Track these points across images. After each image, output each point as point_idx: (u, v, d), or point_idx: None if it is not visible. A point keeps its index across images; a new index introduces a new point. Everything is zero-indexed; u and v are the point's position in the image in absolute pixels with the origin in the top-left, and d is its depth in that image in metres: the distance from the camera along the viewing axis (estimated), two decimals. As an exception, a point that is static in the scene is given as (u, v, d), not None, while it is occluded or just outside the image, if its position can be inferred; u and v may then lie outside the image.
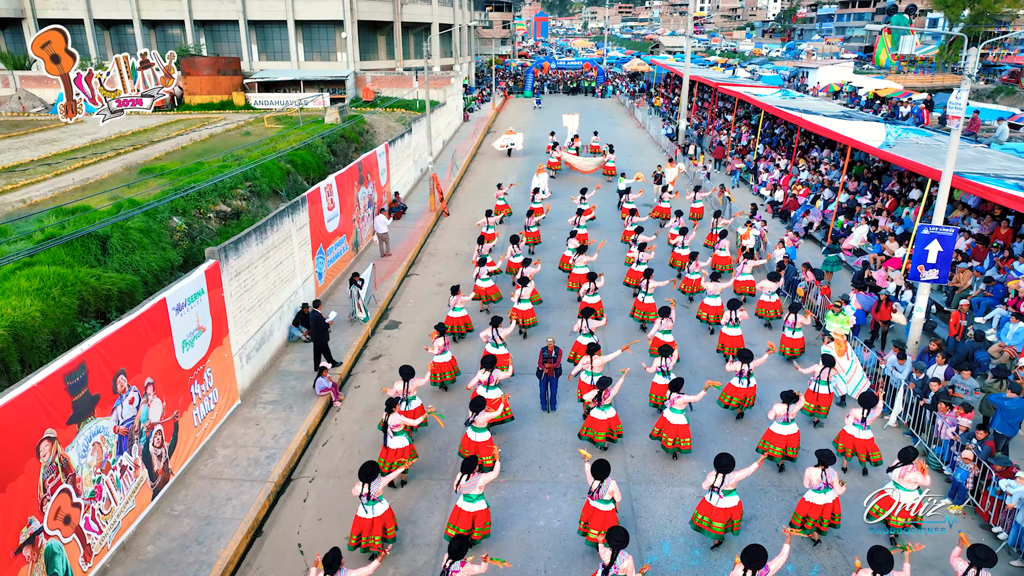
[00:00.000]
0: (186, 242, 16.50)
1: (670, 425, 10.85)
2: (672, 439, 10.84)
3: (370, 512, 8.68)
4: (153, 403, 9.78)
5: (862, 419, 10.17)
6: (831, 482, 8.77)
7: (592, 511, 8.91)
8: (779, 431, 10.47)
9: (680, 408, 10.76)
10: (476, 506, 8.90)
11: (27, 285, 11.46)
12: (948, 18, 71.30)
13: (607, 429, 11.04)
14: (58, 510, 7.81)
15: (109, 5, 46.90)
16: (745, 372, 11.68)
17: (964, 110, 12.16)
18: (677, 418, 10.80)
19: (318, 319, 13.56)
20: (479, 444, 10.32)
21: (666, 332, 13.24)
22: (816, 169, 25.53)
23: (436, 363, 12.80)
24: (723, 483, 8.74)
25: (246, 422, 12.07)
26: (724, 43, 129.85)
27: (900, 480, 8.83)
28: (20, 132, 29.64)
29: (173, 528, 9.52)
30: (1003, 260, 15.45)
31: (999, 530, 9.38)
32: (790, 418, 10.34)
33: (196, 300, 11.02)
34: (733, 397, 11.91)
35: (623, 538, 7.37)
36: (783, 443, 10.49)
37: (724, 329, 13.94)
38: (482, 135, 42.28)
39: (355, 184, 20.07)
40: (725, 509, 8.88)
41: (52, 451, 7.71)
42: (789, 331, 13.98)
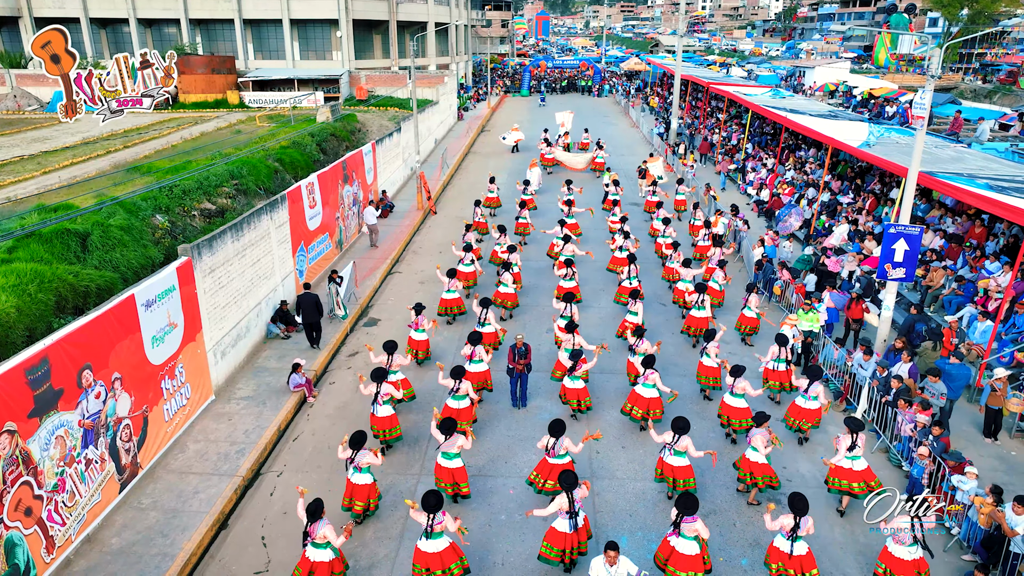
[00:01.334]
0: (168, 240, 16.64)
1: (642, 399, 11.58)
2: (643, 411, 11.57)
3: (356, 480, 9.45)
4: (121, 398, 9.94)
5: (805, 389, 11.21)
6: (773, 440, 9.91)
7: (549, 467, 9.66)
8: (731, 403, 11.41)
9: (651, 383, 11.51)
10: (454, 463, 9.73)
11: (3, 282, 11.61)
12: (946, 18, 71.19)
13: (576, 399, 11.96)
14: (19, 502, 7.97)
15: (105, 4, 47.11)
16: (704, 349, 12.67)
17: (928, 111, 12.28)
18: (650, 392, 11.57)
19: (313, 300, 14.48)
20: (460, 411, 11.12)
21: (634, 314, 14.35)
22: (802, 168, 25.63)
23: (413, 339, 13.81)
24: (675, 441, 9.69)
25: (219, 417, 12.24)
26: (724, 42, 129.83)
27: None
28: (14, 130, 29.85)
29: (139, 521, 9.69)
30: (975, 259, 15.56)
31: (952, 524, 9.51)
32: (735, 391, 11.27)
33: (167, 296, 11.18)
34: (708, 377, 12.76)
35: (573, 480, 8.10)
36: (739, 415, 11.35)
37: (692, 312, 14.79)
38: (475, 134, 42.42)
39: (339, 182, 20.23)
40: (676, 467, 9.85)
41: (12, 444, 7.87)
42: (748, 311, 14.93)
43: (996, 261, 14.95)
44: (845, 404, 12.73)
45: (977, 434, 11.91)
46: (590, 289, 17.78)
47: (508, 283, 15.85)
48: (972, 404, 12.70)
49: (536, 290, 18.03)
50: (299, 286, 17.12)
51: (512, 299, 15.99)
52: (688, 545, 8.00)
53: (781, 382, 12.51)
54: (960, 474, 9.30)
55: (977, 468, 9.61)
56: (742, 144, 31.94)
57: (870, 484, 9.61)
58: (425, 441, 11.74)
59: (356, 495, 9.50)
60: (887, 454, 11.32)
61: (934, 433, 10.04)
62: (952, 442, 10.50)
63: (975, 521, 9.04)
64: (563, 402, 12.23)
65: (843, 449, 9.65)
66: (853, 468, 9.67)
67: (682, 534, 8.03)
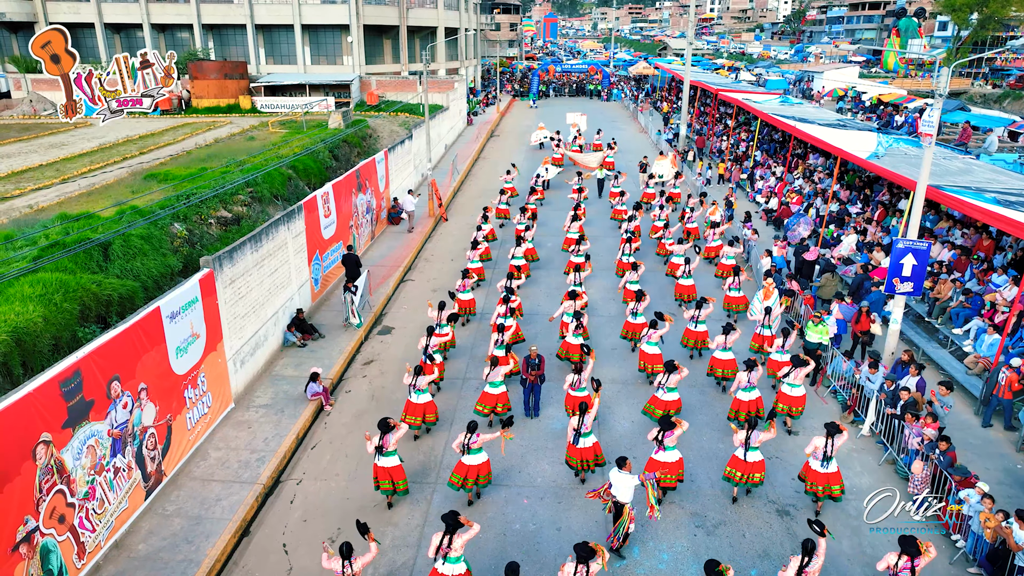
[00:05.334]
0: (186, 248, 16.97)
1: (648, 355, 13.76)
2: (650, 367, 13.65)
3: (382, 463, 10.18)
4: (147, 407, 10.25)
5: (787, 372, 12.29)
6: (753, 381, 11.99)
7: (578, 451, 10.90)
8: (721, 357, 13.47)
9: (654, 341, 13.66)
10: (479, 458, 10.39)
11: (30, 291, 11.93)
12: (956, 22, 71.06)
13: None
14: (53, 510, 8.28)
15: (119, 9, 47.63)
16: (698, 317, 14.60)
17: (936, 127, 12.46)
18: (652, 349, 13.76)
19: (355, 259, 17.93)
20: (496, 396, 12.24)
21: (634, 283, 16.62)
22: (810, 177, 25.78)
23: (460, 299, 16.23)
24: (667, 381, 11.89)
25: (238, 425, 12.54)
26: (733, 45, 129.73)
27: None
28: (30, 136, 30.27)
29: (164, 527, 9.99)
30: (983, 272, 15.71)
31: (957, 538, 9.70)
32: (728, 346, 13.29)
33: (190, 308, 11.48)
34: (691, 339, 14.84)
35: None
36: (722, 365, 13.49)
37: (680, 280, 17.49)
38: (485, 139, 42.68)
39: (353, 191, 20.53)
40: (667, 401, 12.01)
41: (48, 454, 8.18)
42: (734, 292, 16.76)
43: (1003, 274, 15.10)
44: (853, 416, 12.93)
45: (984, 446, 12.07)
46: (599, 266, 19.94)
47: (519, 255, 18.58)
48: (979, 416, 12.87)
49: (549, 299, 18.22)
50: (315, 293, 17.44)
51: (525, 270, 18.19)
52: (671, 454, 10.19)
53: (761, 345, 14.50)
54: (968, 488, 9.47)
55: (983, 481, 9.79)
56: (751, 151, 32.09)
57: (832, 488, 10.08)
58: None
59: (393, 475, 10.36)
60: (894, 466, 11.51)
61: (941, 447, 10.22)
62: (958, 456, 10.68)
63: (981, 535, 9.23)
64: (567, 358, 13.80)
65: (818, 452, 10.03)
66: (821, 471, 10.05)
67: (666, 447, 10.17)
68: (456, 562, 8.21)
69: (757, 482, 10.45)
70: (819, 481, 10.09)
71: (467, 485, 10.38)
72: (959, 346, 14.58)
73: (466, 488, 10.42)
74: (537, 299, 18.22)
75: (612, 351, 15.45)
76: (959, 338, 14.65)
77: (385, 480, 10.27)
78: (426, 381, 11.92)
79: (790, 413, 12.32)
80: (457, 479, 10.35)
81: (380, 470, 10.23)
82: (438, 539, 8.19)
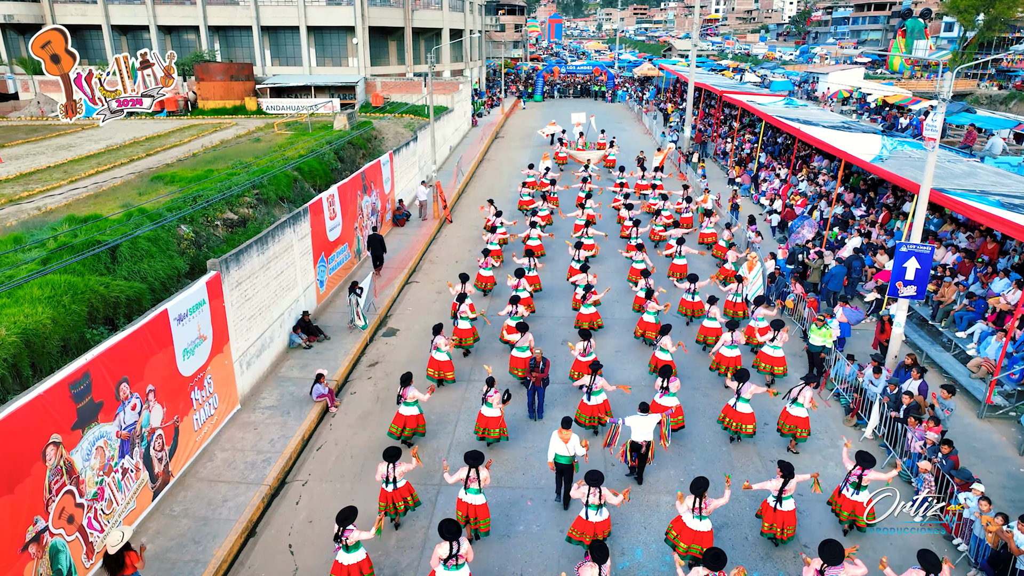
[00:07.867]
0: (193, 250, 17.09)
1: (650, 324, 15.35)
2: (654, 332, 14.91)
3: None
4: (154, 409, 10.35)
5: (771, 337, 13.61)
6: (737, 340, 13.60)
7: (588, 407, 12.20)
8: (726, 353, 13.86)
9: (653, 310, 15.37)
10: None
11: (39, 293, 12.06)
12: (962, 23, 70.93)
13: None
14: (62, 510, 8.38)
15: (126, 11, 47.92)
16: (691, 290, 16.39)
17: (940, 131, 12.49)
18: (650, 317, 15.41)
19: (379, 239, 19.99)
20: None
21: (639, 262, 18.36)
22: (814, 180, 25.79)
23: (481, 275, 18.13)
24: (658, 342, 13.44)
25: (245, 426, 12.64)
26: (738, 46, 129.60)
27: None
28: (38, 137, 30.48)
29: (172, 528, 10.09)
30: (986, 275, 15.71)
31: (959, 541, 9.74)
32: (734, 343, 13.78)
33: (197, 310, 11.59)
34: (688, 309, 16.66)
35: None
36: (728, 363, 13.78)
37: (674, 260, 18.88)
38: (489, 140, 42.78)
39: (358, 193, 20.63)
40: (661, 360, 13.24)
41: (57, 455, 8.29)
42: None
43: (1005, 278, 15.10)
44: (856, 420, 12.96)
45: (987, 450, 12.09)
46: (604, 248, 21.34)
47: (535, 236, 19.96)
48: (982, 420, 12.90)
49: (552, 303, 18.31)
50: (320, 296, 17.55)
51: (540, 249, 19.74)
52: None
53: (736, 312, 16.19)
54: (967, 492, 9.51)
55: (985, 485, 9.83)
56: (755, 153, 32.11)
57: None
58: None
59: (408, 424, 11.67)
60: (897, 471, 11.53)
61: (943, 451, 10.26)
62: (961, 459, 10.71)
63: (982, 539, 9.26)
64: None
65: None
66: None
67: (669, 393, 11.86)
68: (475, 492, 9.44)
69: (750, 433, 11.73)
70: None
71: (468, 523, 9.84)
72: (962, 349, 14.60)
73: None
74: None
75: (617, 323, 17.10)
76: (963, 341, 14.66)
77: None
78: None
79: (772, 372, 13.69)
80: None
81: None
82: (464, 472, 9.38)
